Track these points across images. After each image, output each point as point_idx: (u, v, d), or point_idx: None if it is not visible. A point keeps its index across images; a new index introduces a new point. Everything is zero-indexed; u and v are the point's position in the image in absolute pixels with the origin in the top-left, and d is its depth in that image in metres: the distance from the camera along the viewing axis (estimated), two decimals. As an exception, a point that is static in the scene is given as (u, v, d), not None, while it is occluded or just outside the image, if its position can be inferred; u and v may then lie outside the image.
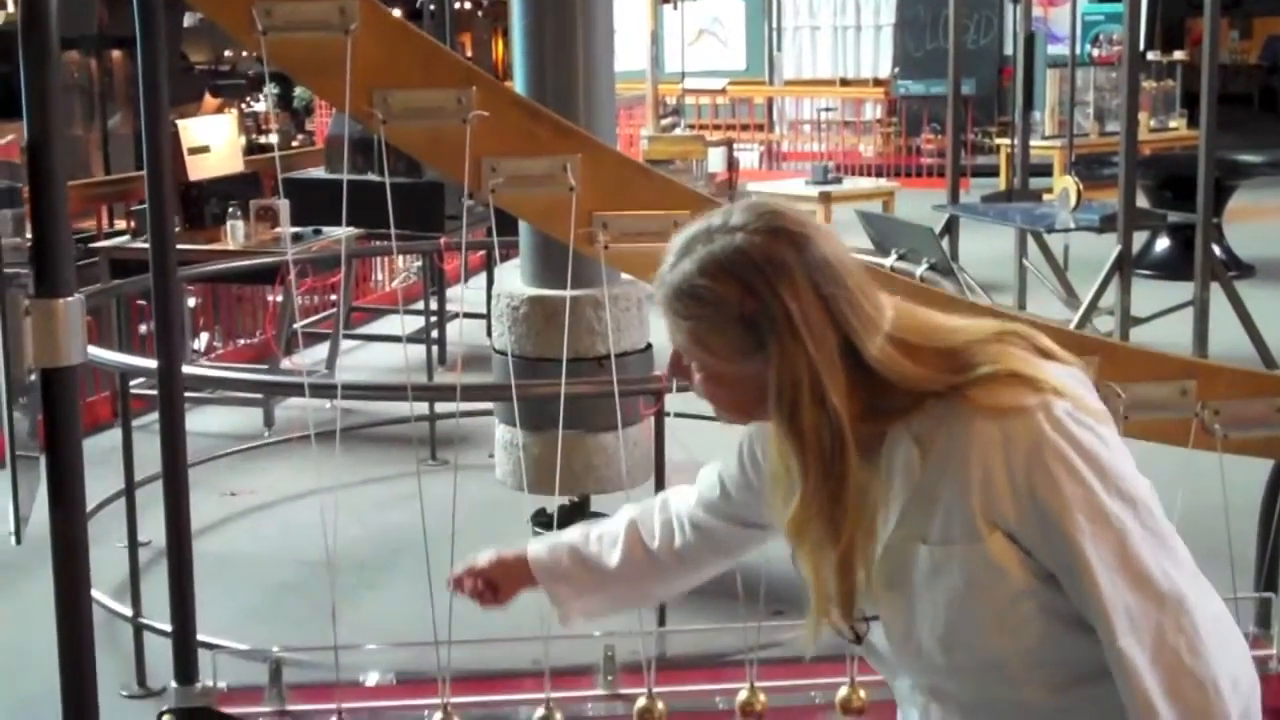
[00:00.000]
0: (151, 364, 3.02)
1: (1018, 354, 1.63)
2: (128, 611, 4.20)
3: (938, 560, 1.63)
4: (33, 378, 2.03)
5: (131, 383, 4.39)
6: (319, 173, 8.19)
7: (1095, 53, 14.48)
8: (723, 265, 1.60)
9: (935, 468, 1.61)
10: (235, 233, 6.65)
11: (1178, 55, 14.93)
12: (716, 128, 15.67)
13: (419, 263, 8.87)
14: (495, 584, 2.22)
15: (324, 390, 4.53)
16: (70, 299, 2.02)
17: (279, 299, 7.04)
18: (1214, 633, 1.56)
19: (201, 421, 6.70)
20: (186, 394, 6.00)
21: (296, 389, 4.72)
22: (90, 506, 4.98)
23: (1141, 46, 11.21)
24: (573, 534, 2.19)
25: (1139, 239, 8.77)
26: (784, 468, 1.68)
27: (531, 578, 2.19)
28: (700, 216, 1.68)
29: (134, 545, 4.23)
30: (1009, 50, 14.80)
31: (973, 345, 1.64)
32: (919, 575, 1.65)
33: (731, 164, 11.90)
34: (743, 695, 2.56)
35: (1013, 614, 1.62)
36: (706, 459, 2.07)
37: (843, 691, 2.55)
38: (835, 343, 1.59)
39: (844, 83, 18.18)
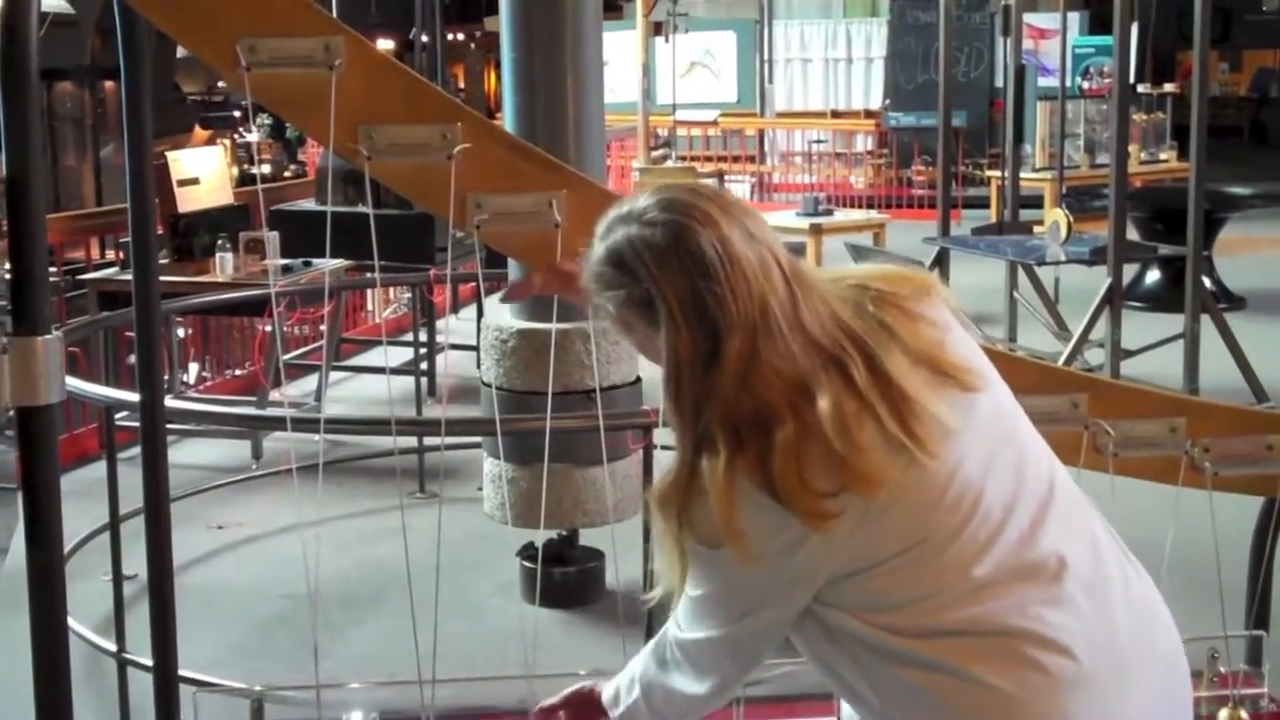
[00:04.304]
0: (136, 398, 2.99)
1: (745, 466, 1.66)
2: (112, 647, 4.16)
3: None
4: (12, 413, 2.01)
5: (118, 415, 4.37)
6: (310, 204, 8.18)
7: (1086, 85, 14.55)
8: (618, 254, 1.74)
9: None
10: (224, 265, 6.63)
11: (1168, 88, 14.98)
12: (708, 159, 15.71)
13: (409, 294, 8.86)
14: None
15: (307, 424, 4.50)
16: (49, 337, 2.00)
17: (269, 330, 7.02)
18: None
19: (190, 454, 6.67)
20: (173, 427, 6.02)
21: (280, 423, 4.70)
22: (77, 539, 5.01)
23: (1132, 79, 11.22)
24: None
25: (1129, 271, 8.77)
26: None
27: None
28: (622, 200, 1.80)
29: (118, 580, 4.20)
30: (1000, 83, 14.86)
31: (758, 413, 1.67)
32: None
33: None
34: (729, 735, 2.54)
35: None
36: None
37: (830, 731, 2.52)
38: (706, 333, 1.68)
39: (835, 115, 18.21)
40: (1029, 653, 1.68)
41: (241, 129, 19.76)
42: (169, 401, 4.27)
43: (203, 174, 7.16)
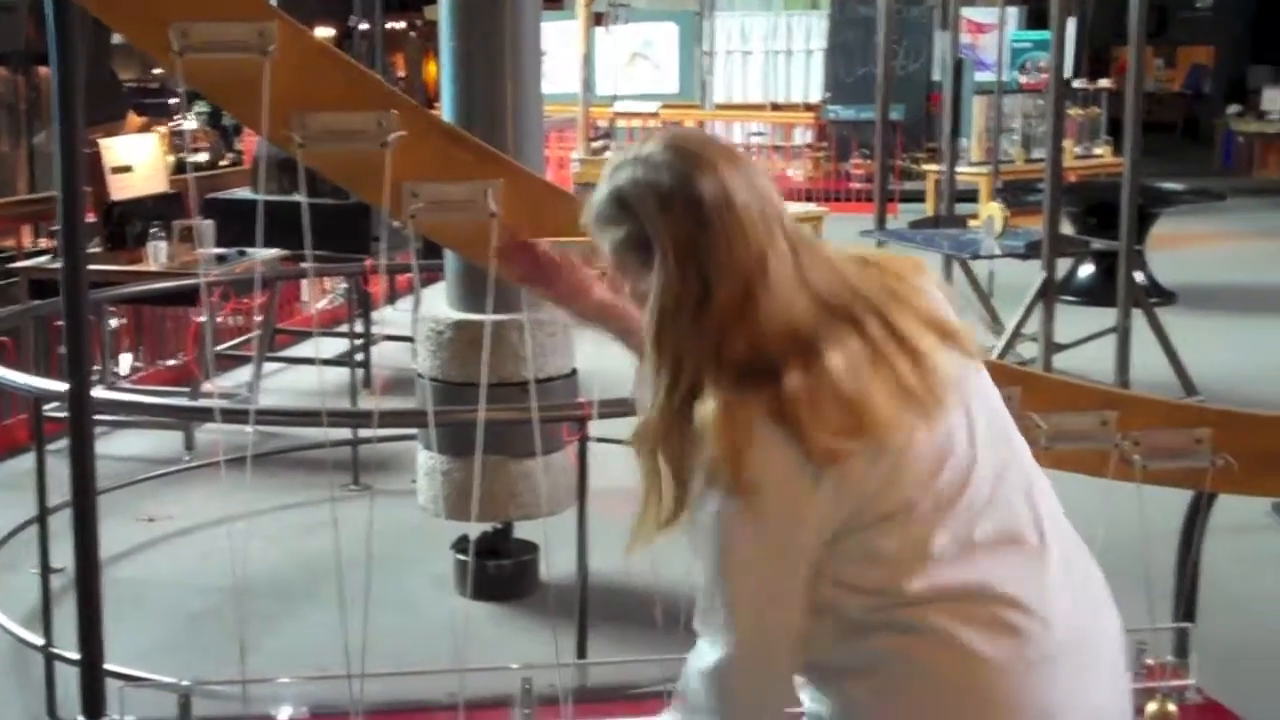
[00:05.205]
0: (65, 388, 2.95)
1: (743, 411, 1.66)
2: (39, 640, 4.11)
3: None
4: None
5: (47, 405, 4.31)
6: (245, 193, 8.10)
7: (1022, 80, 14.62)
8: (621, 193, 1.76)
9: None
10: (157, 253, 6.55)
11: (1103, 83, 15.10)
12: (648, 151, 15.67)
13: (344, 285, 8.79)
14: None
15: (237, 415, 4.45)
16: (-29, 325, 1.97)
17: (202, 320, 6.95)
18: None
19: (122, 445, 6.60)
20: (103, 418, 5.95)
21: (209, 414, 4.64)
22: (5, 532, 4.93)
23: (1068, 74, 11.31)
24: None
25: (1063, 265, 8.84)
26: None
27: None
28: (631, 144, 1.82)
29: (46, 572, 4.14)
30: (938, 77, 14.94)
31: (753, 364, 1.68)
32: None
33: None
34: (662, 728, 2.53)
35: None
36: (630, 485, 2.06)
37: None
38: (700, 279, 1.70)
39: (775, 107, 18.24)
40: (1010, 618, 1.71)
41: (178, 116, 19.55)
42: (98, 392, 4.22)
43: (136, 161, 7.08)
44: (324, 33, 19.39)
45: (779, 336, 1.69)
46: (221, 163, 16.74)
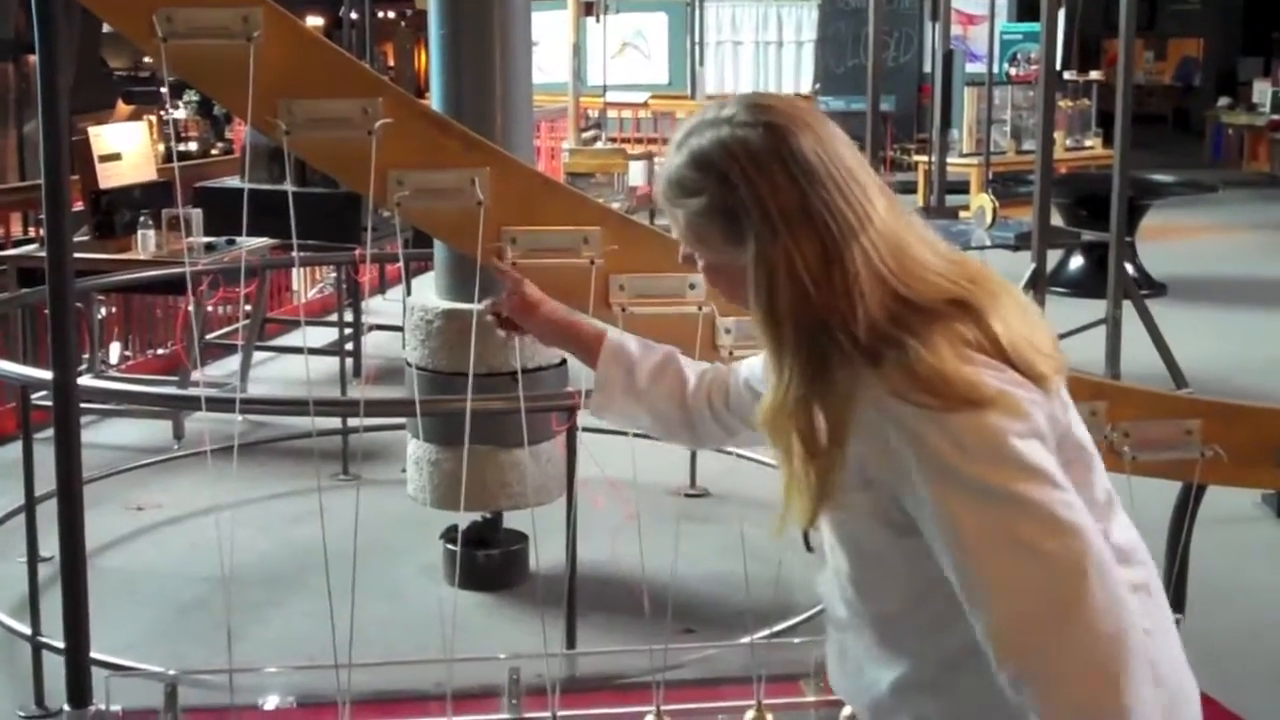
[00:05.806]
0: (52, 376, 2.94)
1: (947, 343, 1.54)
2: (26, 630, 4.10)
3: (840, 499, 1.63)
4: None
5: (36, 394, 4.29)
6: (235, 181, 8.08)
7: (1013, 71, 14.60)
8: (706, 157, 1.62)
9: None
10: (146, 242, 6.53)
11: (1094, 75, 15.10)
12: (638, 141, 15.65)
13: (334, 274, 8.78)
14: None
15: (223, 404, 4.44)
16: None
17: (191, 309, 6.93)
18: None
19: (111, 434, 6.59)
20: (92, 406, 5.93)
21: (196, 402, 4.63)
22: (-11, 522, 4.92)
23: (1058, 66, 11.31)
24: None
25: (1053, 257, 8.85)
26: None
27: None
28: (705, 109, 1.68)
29: (33, 562, 4.13)
30: (928, 68, 14.94)
31: (919, 308, 1.57)
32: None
33: (652, 178, 11.88)
34: (648, 718, 2.53)
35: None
36: (619, 475, 2.06)
37: (749, 715, 2.52)
38: (814, 239, 1.57)
39: (766, 98, 18.21)
40: (1151, 582, 1.68)
41: (170, 105, 19.51)
42: (85, 380, 4.20)
43: (125, 149, 7.05)
44: (314, 22, 19.33)
45: (942, 284, 1.58)
46: (212, 151, 16.71)
